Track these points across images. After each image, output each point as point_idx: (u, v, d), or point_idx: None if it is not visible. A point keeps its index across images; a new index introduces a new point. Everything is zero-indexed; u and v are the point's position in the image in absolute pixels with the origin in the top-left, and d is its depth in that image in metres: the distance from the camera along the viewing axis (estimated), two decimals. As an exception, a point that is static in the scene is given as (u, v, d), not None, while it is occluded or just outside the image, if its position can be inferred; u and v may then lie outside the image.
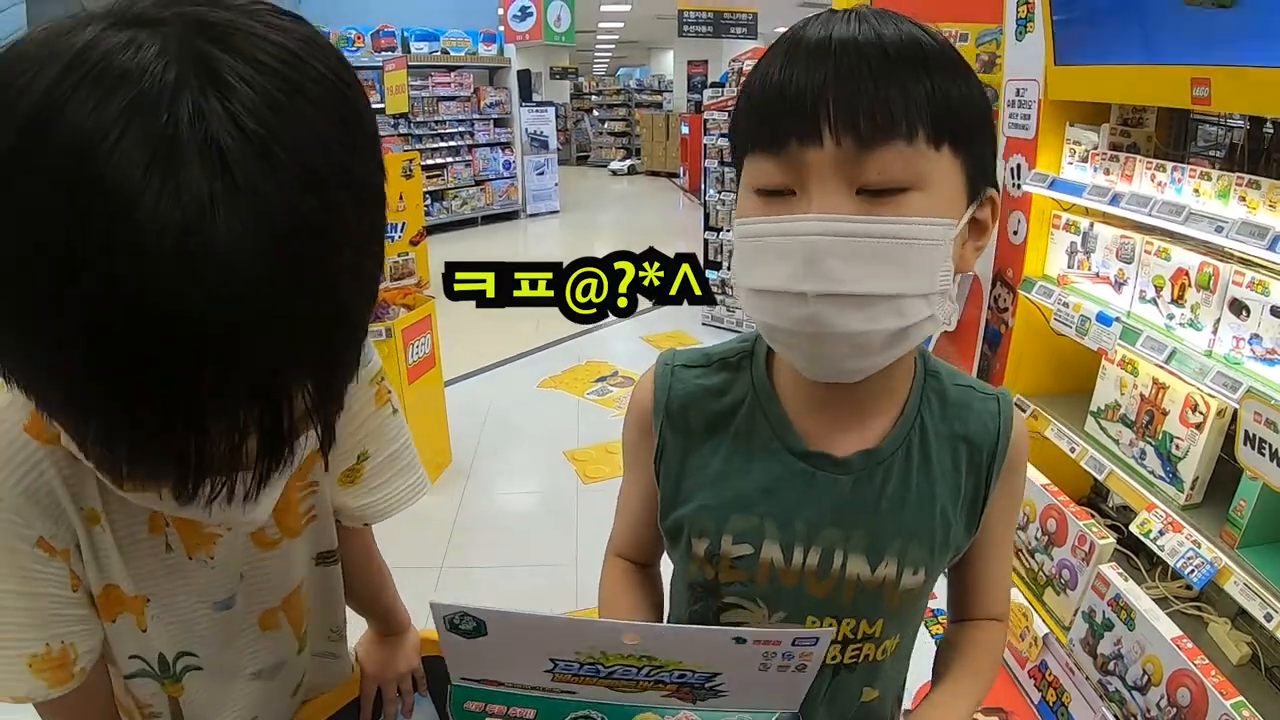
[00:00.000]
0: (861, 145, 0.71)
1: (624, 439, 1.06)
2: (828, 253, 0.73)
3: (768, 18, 15.05)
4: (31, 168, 0.48)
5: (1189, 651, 1.85)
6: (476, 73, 13.11)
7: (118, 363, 0.50)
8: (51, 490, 0.73)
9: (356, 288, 0.60)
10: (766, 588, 0.93)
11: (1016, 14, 2.55)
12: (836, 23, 0.75)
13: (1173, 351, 1.99)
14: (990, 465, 0.94)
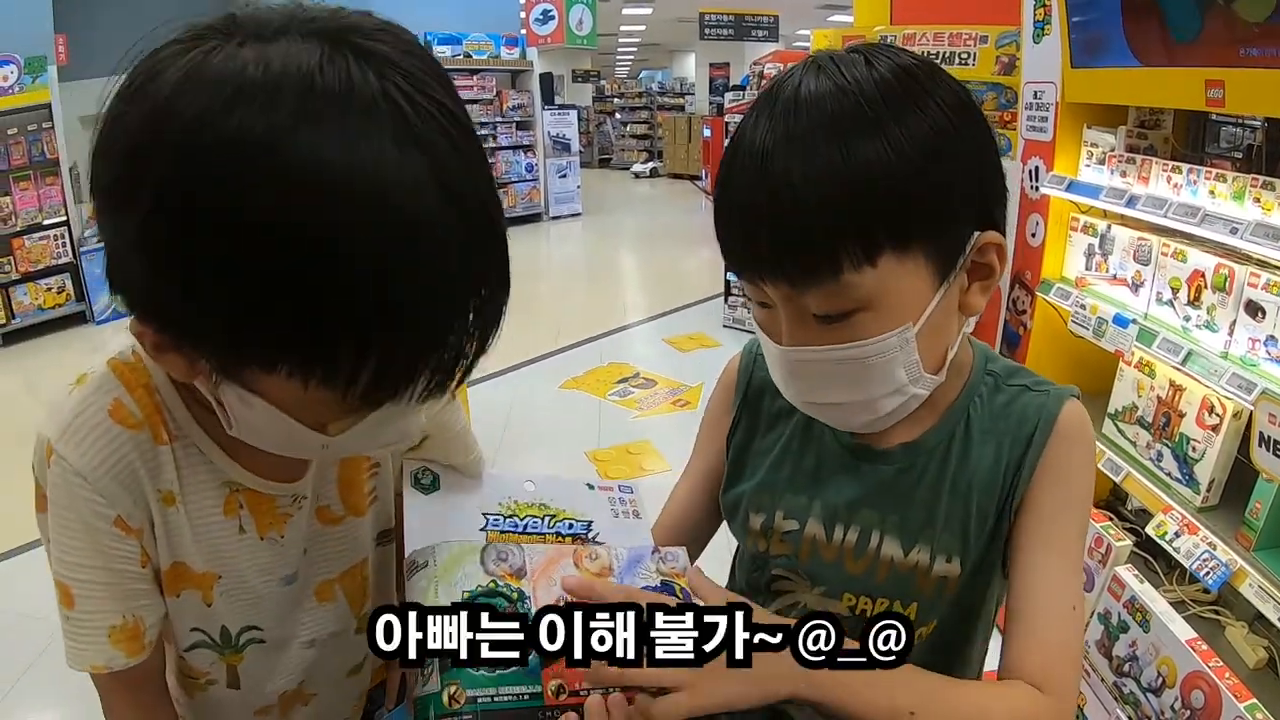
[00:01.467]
0: (794, 288, 0.80)
1: (704, 416, 1.18)
2: (798, 375, 0.86)
3: (789, 20, 15.07)
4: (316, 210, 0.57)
5: (1204, 654, 1.85)
6: (499, 76, 13.16)
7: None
8: (133, 472, 0.79)
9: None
10: (809, 562, 1.01)
11: (1034, 16, 2.55)
12: (776, 135, 0.78)
13: (1189, 353, 2.00)
14: (1023, 456, 0.93)
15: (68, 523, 0.78)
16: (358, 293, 0.59)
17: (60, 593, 0.81)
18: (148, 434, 0.79)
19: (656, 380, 5.88)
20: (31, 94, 7.68)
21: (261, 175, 0.56)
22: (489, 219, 0.65)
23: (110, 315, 8.21)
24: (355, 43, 0.60)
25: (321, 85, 0.57)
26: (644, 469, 4.55)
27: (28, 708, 2.95)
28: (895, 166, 0.76)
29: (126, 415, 0.78)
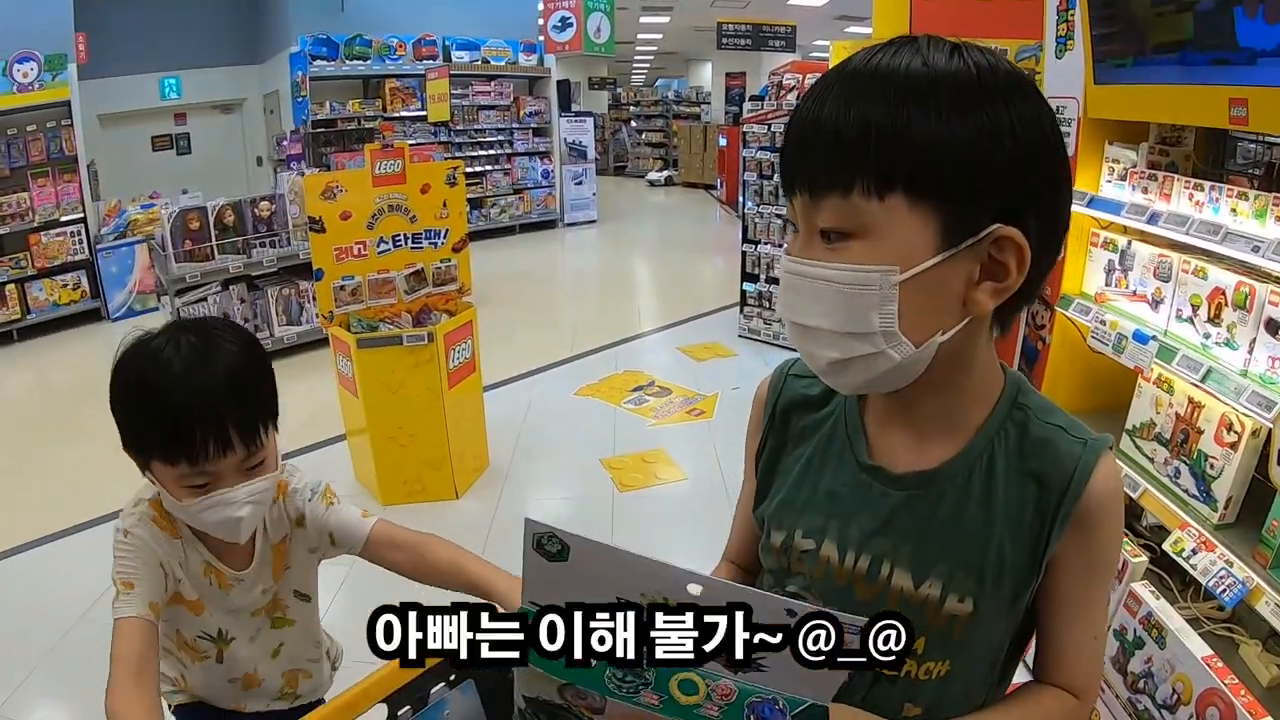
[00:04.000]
0: (812, 197, 0.85)
1: (746, 440, 1.19)
2: (790, 288, 0.89)
3: (806, 31, 15.07)
4: None
5: (1219, 671, 1.85)
6: (516, 82, 13.23)
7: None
8: (162, 543, 1.45)
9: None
10: (822, 583, 1.01)
11: (1056, 32, 2.56)
12: (846, 79, 0.84)
13: (1208, 370, 2.00)
14: (1056, 509, 0.91)
15: (132, 557, 1.41)
16: (161, 429, 1.31)
17: (122, 585, 1.37)
18: (169, 533, 1.46)
19: (671, 389, 5.89)
20: (51, 91, 7.78)
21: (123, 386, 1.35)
22: (207, 406, 1.31)
23: (125, 313, 8.28)
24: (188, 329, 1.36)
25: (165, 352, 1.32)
26: (659, 478, 4.56)
27: (41, 700, 2.99)
28: (935, 131, 0.79)
29: (161, 524, 1.46)
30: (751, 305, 7.01)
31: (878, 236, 0.82)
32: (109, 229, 8.26)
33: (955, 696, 1.00)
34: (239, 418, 1.33)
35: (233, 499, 1.36)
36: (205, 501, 1.34)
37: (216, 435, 1.30)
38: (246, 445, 1.35)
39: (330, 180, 4.15)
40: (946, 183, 0.80)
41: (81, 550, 3.97)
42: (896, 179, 0.80)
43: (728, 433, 5.11)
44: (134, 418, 1.33)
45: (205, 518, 1.36)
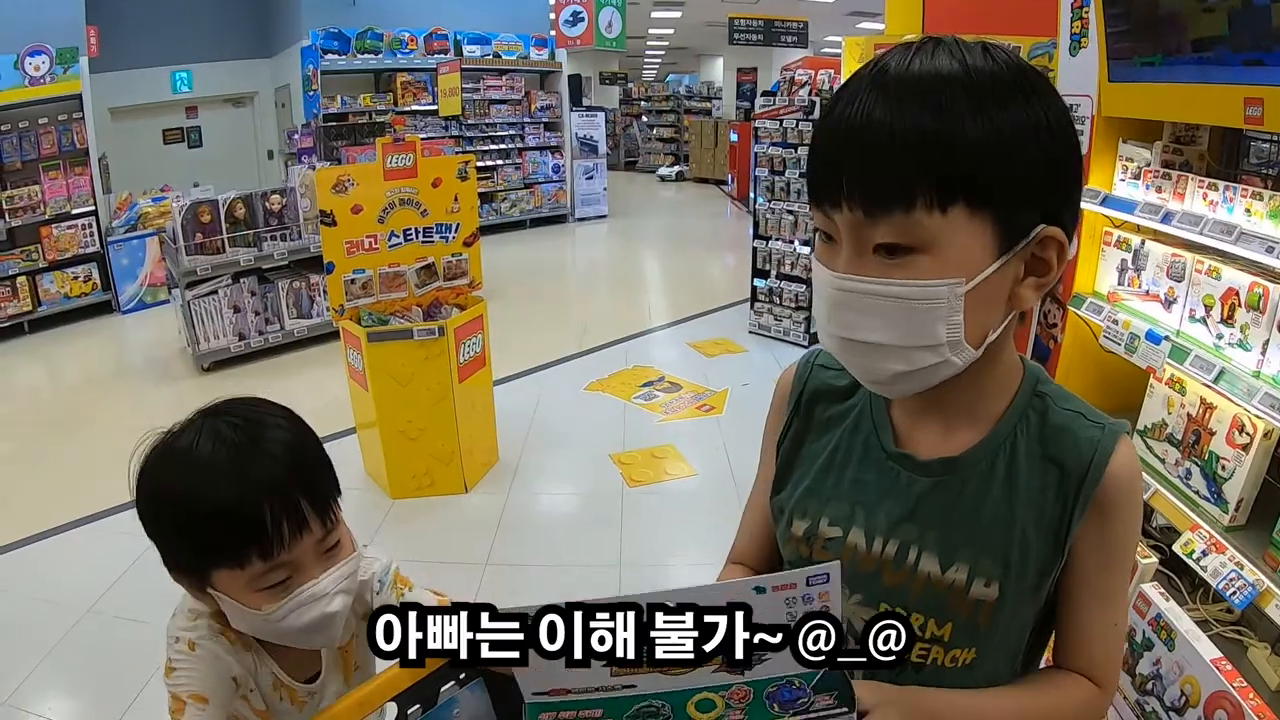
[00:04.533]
0: (868, 214, 0.82)
1: (765, 426, 1.19)
2: (843, 305, 0.87)
3: (818, 26, 15.03)
4: None
5: (1228, 674, 1.84)
6: (527, 76, 13.23)
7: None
8: (233, 656, 1.27)
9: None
10: (848, 570, 1.00)
11: (1070, 30, 2.55)
12: (885, 82, 0.82)
13: (1221, 371, 1.99)
14: (1077, 493, 0.93)
15: (203, 668, 1.23)
16: (223, 525, 1.13)
17: (195, 699, 1.21)
18: (240, 645, 1.28)
19: (681, 385, 5.89)
20: (62, 85, 7.82)
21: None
22: (273, 485, 1.15)
23: (135, 305, 8.32)
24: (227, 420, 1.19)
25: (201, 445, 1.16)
26: (668, 473, 4.56)
27: (49, 690, 2.99)
28: (988, 132, 0.79)
29: (231, 637, 1.27)
30: (762, 301, 7.00)
31: (942, 249, 0.82)
32: (120, 222, 8.28)
33: (978, 687, 1.00)
34: (309, 490, 1.18)
35: (322, 591, 1.19)
36: (292, 602, 1.17)
37: (289, 514, 1.14)
38: (323, 520, 1.20)
39: (341, 174, 4.16)
40: (1003, 188, 0.81)
41: (90, 542, 3.99)
42: (958, 189, 0.80)
43: (738, 429, 5.12)
44: (182, 527, 1.15)
45: (293, 622, 1.18)
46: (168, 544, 1.18)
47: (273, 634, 1.21)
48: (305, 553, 1.18)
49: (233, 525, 1.11)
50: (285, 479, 1.14)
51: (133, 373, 6.79)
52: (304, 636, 1.21)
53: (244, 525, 1.11)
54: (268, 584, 1.15)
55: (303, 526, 1.15)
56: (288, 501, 1.14)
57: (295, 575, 1.17)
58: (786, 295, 6.82)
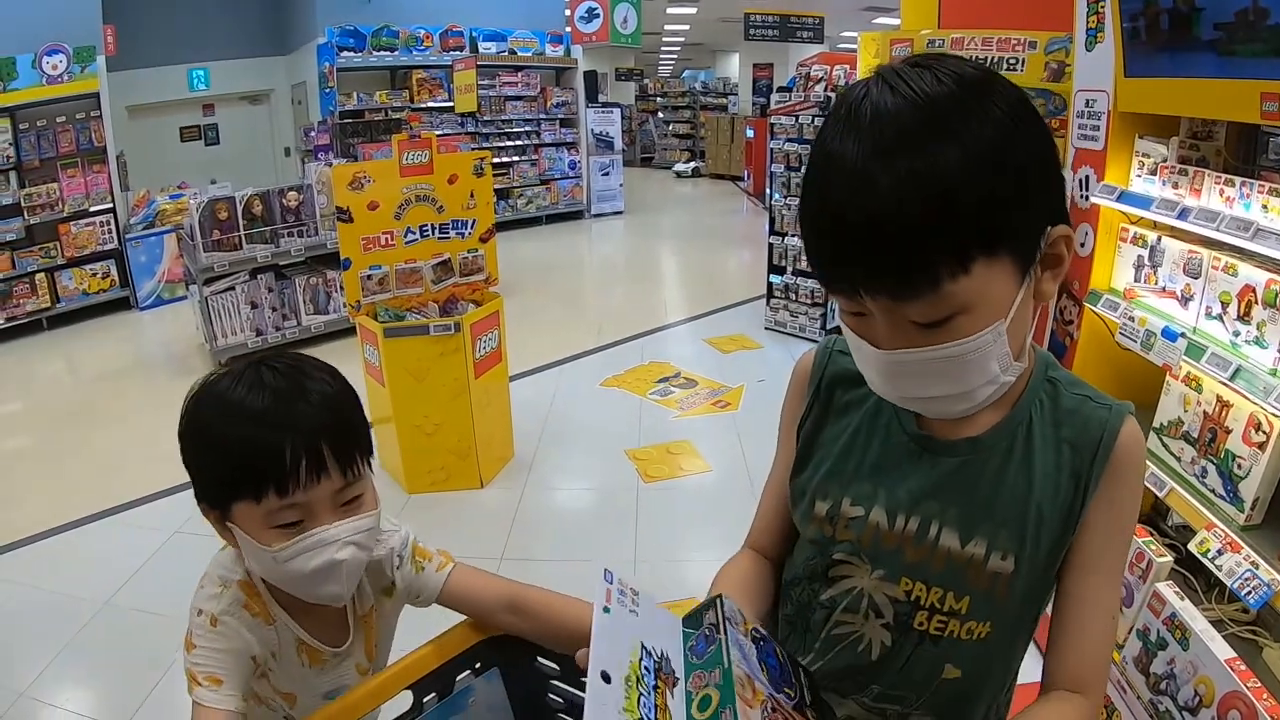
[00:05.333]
0: (895, 301, 0.83)
1: (783, 413, 1.22)
2: (897, 374, 0.89)
3: (833, 22, 14.98)
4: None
5: (1242, 674, 1.83)
6: (543, 73, 13.25)
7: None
8: (259, 635, 1.29)
9: None
10: (871, 547, 1.06)
11: (1087, 24, 2.53)
12: (861, 152, 0.80)
13: (1238, 369, 1.98)
14: (1089, 470, 0.98)
15: (221, 647, 1.23)
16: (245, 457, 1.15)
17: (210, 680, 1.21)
18: (261, 620, 1.29)
19: (697, 381, 5.89)
20: (80, 83, 7.90)
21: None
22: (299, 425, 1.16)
23: (153, 301, 8.38)
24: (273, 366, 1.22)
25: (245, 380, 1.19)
26: (683, 469, 4.56)
27: (67, 682, 3.02)
28: (976, 174, 0.78)
29: (253, 610, 1.29)
30: (778, 297, 6.99)
31: (976, 305, 0.83)
32: (137, 219, 8.35)
33: (990, 661, 1.07)
34: (334, 438, 1.18)
35: (331, 537, 1.18)
36: (299, 544, 1.17)
37: (310, 457, 1.15)
38: (344, 470, 1.19)
39: (358, 171, 4.18)
40: (1010, 220, 0.83)
41: (107, 536, 4.03)
42: (974, 248, 0.81)
43: (753, 425, 5.11)
44: (214, 451, 1.18)
45: (301, 565, 1.18)
46: (198, 472, 1.21)
47: (281, 577, 1.21)
48: (322, 499, 1.18)
49: (254, 457, 1.13)
50: (313, 422, 1.16)
51: (151, 368, 6.85)
52: (310, 583, 1.20)
53: (264, 458, 1.13)
54: (281, 521, 1.17)
55: (322, 471, 1.16)
56: (311, 443, 1.15)
57: (309, 520, 1.18)
58: (802, 291, 6.80)
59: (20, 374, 6.83)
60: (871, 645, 1.08)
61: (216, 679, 1.21)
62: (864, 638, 1.09)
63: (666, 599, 3.14)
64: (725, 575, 1.21)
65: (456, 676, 1.34)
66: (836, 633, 1.11)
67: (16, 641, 3.25)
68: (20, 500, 4.46)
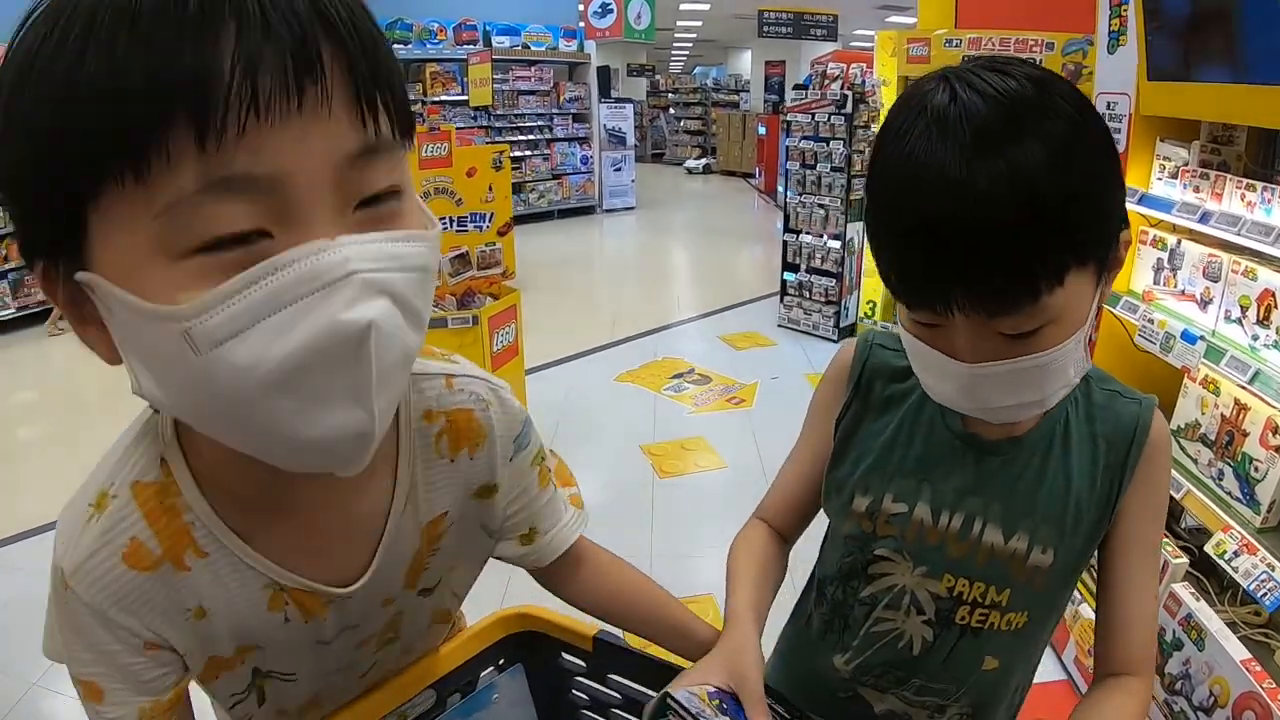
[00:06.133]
0: (990, 316, 0.81)
1: (816, 397, 1.20)
2: (978, 385, 0.86)
3: (846, 20, 14.95)
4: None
5: (1257, 675, 1.85)
6: (556, 68, 13.27)
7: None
8: (151, 604, 0.76)
9: None
10: (914, 544, 1.07)
11: (1109, 27, 2.54)
12: (950, 157, 0.76)
13: (1256, 372, 1.99)
14: (1124, 462, 1.01)
15: (83, 644, 0.78)
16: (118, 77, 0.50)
17: (85, 689, 0.80)
18: (168, 567, 0.75)
19: (711, 377, 5.91)
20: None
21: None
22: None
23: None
24: None
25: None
26: (698, 465, 4.58)
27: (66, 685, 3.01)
28: (1069, 182, 0.76)
29: (143, 557, 0.74)
30: (792, 295, 7.00)
31: (1064, 314, 0.82)
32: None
33: (1025, 650, 1.11)
34: (337, 37, 0.55)
35: (339, 262, 0.54)
36: (261, 283, 0.53)
37: (281, 45, 0.52)
38: (357, 103, 0.57)
39: (377, 164, 4.19)
40: (1098, 226, 0.83)
41: None
42: (1069, 260, 0.79)
43: (767, 422, 5.13)
44: (66, 69, 0.50)
45: (255, 349, 0.53)
46: (20, 168, 0.54)
47: (221, 412, 0.58)
48: (309, 170, 0.55)
49: (141, 45, 0.49)
50: (298, 4, 0.54)
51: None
52: (293, 404, 0.56)
53: (166, 43, 0.49)
54: (206, 237, 0.53)
55: (305, 80, 0.53)
56: (284, 21, 0.52)
57: (279, 233, 0.55)
58: (816, 289, 6.81)
59: (34, 363, 6.86)
60: (913, 641, 1.09)
61: (94, 688, 0.79)
62: (905, 634, 1.10)
63: (683, 595, 3.16)
64: (744, 560, 1.16)
65: (480, 673, 1.27)
66: (877, 630, 1.12)
67: (29, 631, 3.20)
68: (36, 488, 4.47)
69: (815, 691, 1.21)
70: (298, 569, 0.80)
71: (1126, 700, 0.99)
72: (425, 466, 0.86)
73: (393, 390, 0.61)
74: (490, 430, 0.89)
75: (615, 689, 1.18)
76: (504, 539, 1.01)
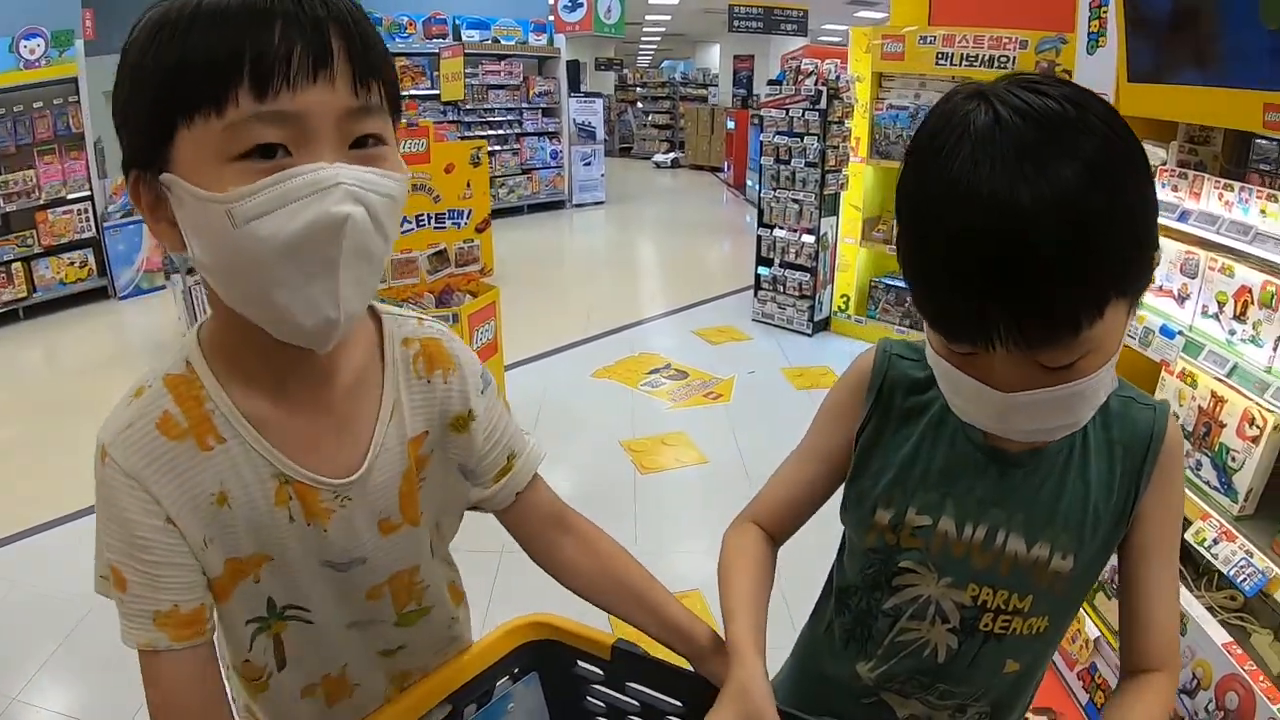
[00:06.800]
0: (1031, 349, 0.80)
1: (828, 403, 1.20)
2: (1018, 413, 0.86)
3: (816, 14, 15.03)
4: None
5: (1239, 657, 1.92)
6: (526, 62, 13.22)
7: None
8: (180, 476, 0.88)
9: None
10: (939, 556, 1.09)
11: (1089, 28, 2.60)
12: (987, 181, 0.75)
13: (1234, 366, 2.06)
14: (1141, 468, 1.04)
15: (120, 517, 0.87)
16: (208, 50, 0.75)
17: (114, 576, 0.89)
18: (192, 443, 0.89)
19: (688, 372, 5.95)
20: (58, 68, 7.79)
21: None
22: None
23: (132, 291, 8.28)
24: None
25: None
26: (679, 461, 4.62)
27: (60, 685, 2.95)
28: (1114, 206, 0.76)
29: (172, 426, 0.88)
30: (766, 289, 7.05)
31: (1103, 343, 0.83)
32: (115, 206, 8.22)
33: (1043, 651, 1.14)
34: (347, 31, 0.80)
35: (329, 178, 0.77)
36: (277, 183, 0.76)
37: (307, 43, 0.77)
38: (355, 81, 0.80)
39: (355, 160, 4.18)
40: (1141, 257, 0.82)
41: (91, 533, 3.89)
42: (1110, 293, 0.79)
43: (746, 416, 5.19)
44: (157, 60, 0.77)
45: (272, 226, 0.76)
46: (136, 107, 0.80)
47: (243, 267, 0.79)
48: (321, 117, 0.78)
49: (221, 45, 0.75)
50: (316, 9, 0.78)
51: (132, 359, 6.73)
52: (289, 269, 0.78)
53: (236, 42, 0.75)
54: (251, 144, 0.76)
55: (322, 67, 0.78)
56: (311, 28, 0.77)
57: (297, 154, 0.78)
58: (790, 284, 6.87)
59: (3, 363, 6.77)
60: (938, 649, 1.12)
61: (119, 575, 0.88)
62: (930, 643, 1.12)
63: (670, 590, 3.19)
64: (741, 573, 1.15)
65: (496, 683, 1.25)
66: (902, 639, 1.14)
67: (6, 643, 3.15)
68: (3, 496, 4.34)
69: (836, 697, 1.23)
70: (301, 461, 0.93)
71: (1155, 698, 1.02)
72: (406, 386, 1.02)
73: (356, 275, 0.81)
74: (458, 360, 1.07)
75: (633, 696, 1.18)
76: (482, 479, 1.12)
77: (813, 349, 6.58)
